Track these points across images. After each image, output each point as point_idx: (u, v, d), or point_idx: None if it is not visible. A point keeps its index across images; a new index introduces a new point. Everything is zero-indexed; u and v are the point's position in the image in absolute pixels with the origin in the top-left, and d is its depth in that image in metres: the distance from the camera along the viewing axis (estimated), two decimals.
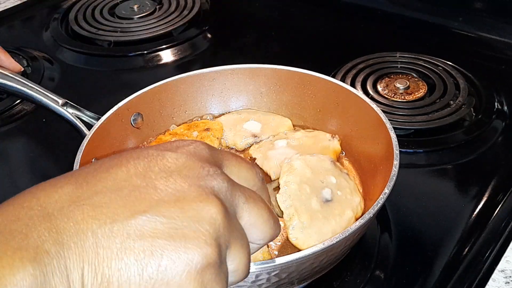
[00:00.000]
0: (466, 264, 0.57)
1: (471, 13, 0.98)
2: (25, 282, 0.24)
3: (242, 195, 0.33)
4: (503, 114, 0.79)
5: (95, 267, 0.26)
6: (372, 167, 0.62)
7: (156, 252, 0.27)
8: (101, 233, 0.27)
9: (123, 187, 0.29)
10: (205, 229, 0.28)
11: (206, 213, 0.29)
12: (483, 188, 0.67)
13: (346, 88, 0.67)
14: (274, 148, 0.68)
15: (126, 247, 0.27)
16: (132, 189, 0.29)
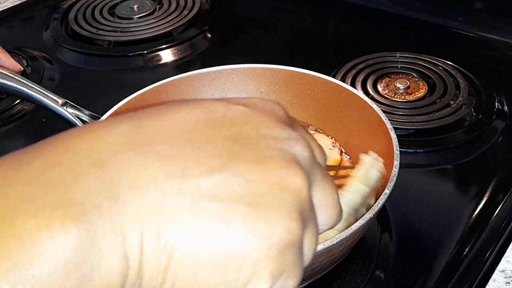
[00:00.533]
0: (466, 264, 0.57)
1: (471, 13, 0.98)
2: (67, 247, 0.19)
3: (319, 170, 0.27)
4: (504, 114, 0.79)
5: (158, 229, 0.21)
6: None
7: (232, 219, 0.22)
8: (168, 188, 0.22)
9: (193, 137, 0.24)
10: (290, 200, 0.24)
11: (291, 182, 0.24)
12: (483, 188, 0.67)
13: (346, 88, 0.67)
14: None
15: (198, 209, 0.22)
16: (204, 141, 0.24)
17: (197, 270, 0.22)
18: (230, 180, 0.23)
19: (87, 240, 0.20)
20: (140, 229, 0.21)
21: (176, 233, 0.21)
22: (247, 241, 0.22)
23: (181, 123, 0.24)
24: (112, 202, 0.21)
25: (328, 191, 0.28)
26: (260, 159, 0.24)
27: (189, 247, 0.21)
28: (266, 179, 0.23)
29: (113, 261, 0.20)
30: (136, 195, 0.21)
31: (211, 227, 0.22)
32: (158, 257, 0.21)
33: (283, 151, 0.25)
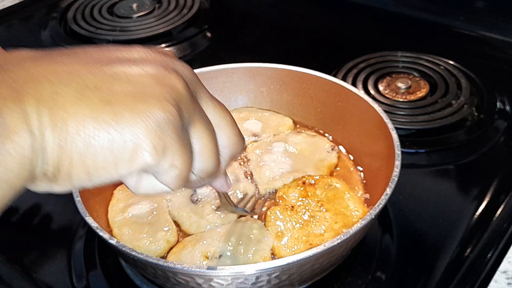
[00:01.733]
0: (468, 265, 0.57)
1: (473, 12, 0.98)
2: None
3: (206, 91, 0.34)
4: (505, 114, 0.78)
5: (52, 111, 0.26)
6: (374, 167, 0.62)
7: (113, 102, 0.27)
8: (58, 82, 0.27)
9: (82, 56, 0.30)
10: (166, 90, 0.29)
11: (168, 80, 0.30)
12: (485, 189, 0.66)
13: (347, 87, 0.66)
14: (271, 151, 0.67)
15: (83, 95, 0.27)
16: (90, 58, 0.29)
17: (86, 143, 0.27)
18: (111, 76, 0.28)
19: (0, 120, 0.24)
20: (39, 112, 0.26)
21: (67, 113, 0.26)
22: (128, 117, 0.27)
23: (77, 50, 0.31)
24: (15, 93, 0.26)
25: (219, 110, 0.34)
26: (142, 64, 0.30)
27: (78, 125, 0.26)
28: (146, 76, 0.29)
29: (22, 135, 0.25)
30: (35, 89, 0.26)
31: (94, 107, 0.27)
32: (55, 135, 0.26)
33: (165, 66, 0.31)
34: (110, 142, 0.27)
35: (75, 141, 0.27)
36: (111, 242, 0.47)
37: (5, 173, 0.25)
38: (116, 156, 0.27)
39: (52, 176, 0.28)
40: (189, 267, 0.44)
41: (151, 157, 0.28)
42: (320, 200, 0.59)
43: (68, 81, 0.27)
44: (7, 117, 0.25)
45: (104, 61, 0.29)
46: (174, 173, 0.30)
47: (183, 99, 0.30)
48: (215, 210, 0.60)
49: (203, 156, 0.32)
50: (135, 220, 0.58)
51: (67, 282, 0.58)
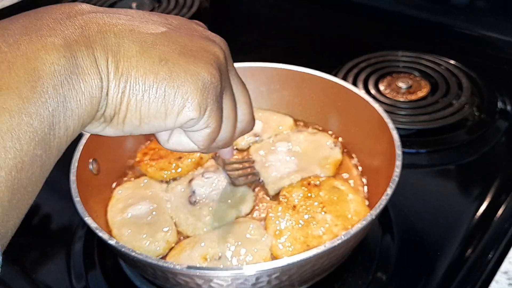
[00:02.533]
0: (469, 265, 0.57)
1: (473, 12, 0.97)
2: (60, 62, 0.27)
3: (234, 68, 0.38)
4: (506, 114, 0.78)
5: (117, 60, 0.30)
6: (374, 167, 0.62)
7: (169, 60, 0.31)
8: (122, 36, 0.31)
9: (142, 17, 0.33)
10: (212, 57, 0.33)
11: (212, 49, 0.34)
12: (486, 189, 0.66)
13: (348, 87, 0.66)
14: (275, 151, 0.67)
15: (144, 51, 0.31)
16: (146, 19, 0.33)
17: (144, 93, 0.31)
18: (167, 38, 0.32)
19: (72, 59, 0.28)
20: (106, 59, 0.30)
21: (130, 64, 0.30)
22: (181, 75, 0.31)
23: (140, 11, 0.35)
24: (86, 40, 0.29)
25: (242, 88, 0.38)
26: (190, 33, 0.34)
27: (139, 75, 0.30)
28: (194, 43, 0.33)
29: (93, 77, 0.29)
30: (102, 38, 0.30)
31: (154, 63, 0.31)
32: (118, 81, 0.30)
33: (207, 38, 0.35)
34: (164, 95, 0.31)
35: (135, 90, 0.30)
36: (110, 242, 0.47)
37: (78, 108, 0.28)
38: (167, 108, 0.31)
39: (109, 118, 0.31)
40: (189, 267, 0.44)
41: (195, 113, 0.32)
42: (322, 202, 0.59)
43: (132, 37, 0.31)
44: (81, 60, 0.28)
45: (161, 23, 0.33)
46: (206, 132, 0.34)
47: (222, 68, 0.34)
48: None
49: (226, 125, 0.36)
50: (135, 220, 0.58)
51: (66, 282, 0.58)
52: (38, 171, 0.27)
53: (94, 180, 0.60)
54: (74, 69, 0.28)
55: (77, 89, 0.28)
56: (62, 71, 0.27)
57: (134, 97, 0.30)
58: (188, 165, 0.66)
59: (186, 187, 0.63)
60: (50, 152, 0.28)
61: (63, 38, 0.28)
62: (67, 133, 0.28)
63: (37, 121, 0.26)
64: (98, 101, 0.30)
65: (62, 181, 0.55)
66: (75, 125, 0.29)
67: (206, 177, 0.63)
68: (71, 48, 0.28)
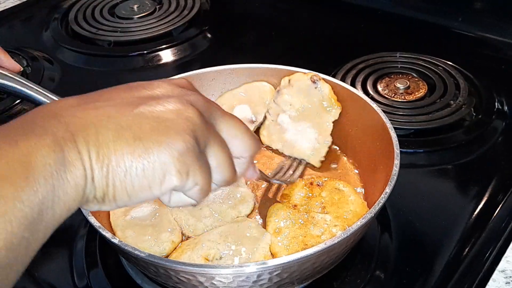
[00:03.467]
0: (467, 264, 0.57)
1: (471, 13, 0.98)
2: (50, 156, 0.31)
3: (218, 110, 0.40)
4: (503, 114, 0.79)
5: (97, 148, 0.33)
6: (373, 166, 0.62)
7: (143, 138, 0.34)
8: (100, 125, 0.34)
9: (116, 99, 0.37)
10: (183, 122, 0.35)
11: (184, 113, 0.36)
12: (483, 188, 0.67)
13: (347, 87, 0.67)
14: (283, 129, 0.68)
15: (119, 134, 0.34)
16: (122, 100, 0.36)
17: (126, 173, 0.33)
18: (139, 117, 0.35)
19: (60, 153, 0.32)
20: (88, 149, 0.33)
21: (108, 149, 0.33)
22: (155, 149, 0.34)
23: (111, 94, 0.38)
24: (69, 135, 0.33)
25: (232, 123, 0.40)
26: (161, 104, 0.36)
27: (118, 159, 0.33)
28: (165, 114, 0.35)
29: (78, 168, 0.32)
30: (83, 130, 0.33)
31: (129, 144, 0.33)
32: (101, 167, 0.33)
33: (179, 99, 0.37)
34: (143, 171, 0.34)
35: (117, 172, 0.33)
36: (113, 241, 0.48)
37: (64, 195, 0.32)
38: (149, 181, 0.34)
39: (100, 199, 0.34)
40: (191, 265, 0.45)
41: (177, 179, 0.35)
42: (323, 202, 0.59)
43: (108, 124, 0.34)
44: (67, 154, 0.32)
45: (133, 102, 0.36)
46: (197, 189, 0.36)
47: (198, 128, 0.36)
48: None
49: (220, 169, 0.38)
50: (138, 222, 0.58)
51: (69, 281, 0.59)
52: (23, 252, 0.30)
53: None
54: (62, 162, 0.31)
55: (64, 179, 0.32)
56: (52, 164, 0.31)
57: (117, 178, 0.33)
58: None
59: None
60: (37, 235, 0.31)
61: (52, 135, 0.32)
62: (54, 217, 0.32)
63: (28, 207, 0.30)
64: (83, 188, 0.33)
65: None
66: (62, 211, 0.32)
67: None
68: (59, 143, 0.32)
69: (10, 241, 0.29)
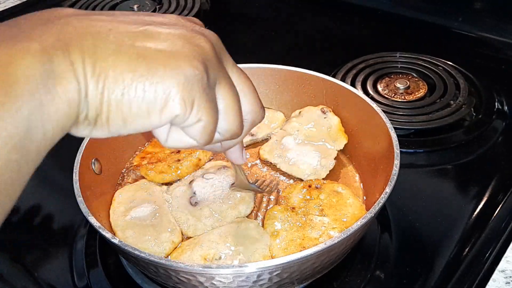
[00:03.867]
0: (467, 264, 0.57)
1: (471, 13, 0.98)
2: (35, 67, 0.27)
3: (230, 58, 0.36)
4: (503, 114, 0.79)
5: (94, 61, 0.29)
6: (373, 166, 0.62)
7: (148, 56, 0.30)
8: (99, 37, 0.30)
9: (119, 14, 0.33)
10: (195, 49, 0.32)
11: (196, 41, 0.32)
12: (483, 188, 0.67)
13: (347, 87, 0.67)
14: (287, 148, 0.67)
15: (120, 49, 0.30)
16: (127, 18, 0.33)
17: (123, 92, 0.30)
18: (146, 34, 0.31)
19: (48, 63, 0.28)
20: (82, 61, 0.29)
21: (107, 63, 0.29)
22: (160, 71, 0.30)
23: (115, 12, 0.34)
24: (62, 44, 0.29)
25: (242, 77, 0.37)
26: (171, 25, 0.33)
27: (116, 74, 0.29)
28: (175, 37, 0.32)
29: (70, 81, 0.28)
30: (78, 40, 0.29)
31: (131, 61, 0.30)
32: (96, 82, 0.29)
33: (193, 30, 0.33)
34: (144, 93, 0.30)
35: (114, 89, 0.29)
36: (114, 241, 0.48)
37: (56, 112, 0.28)
38: (149, 106, 0.30)
39: (92, 120, 0.31)
40: (192, 265, 0.45)
41: (179, 108, 0.31)
42: (321, 205, 0.59)
43: (108, 36, 0.30)
44: (57, 65, 0.28)
45: (139, 21, 0.32)
46: (200, 126, 0.33)
47: (209, 59, 0.32)
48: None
49: (228, 115, 0.34)
50: (138, 222, 0.58)
51: (69, 281, 0.59)
52: (14, 175, 0.27)
53: (97, 180, 0.60)
54: (50, 74, 0.28)
55: (54, 93, 0.28)
56: (37, 75, 0.27)
57: (113, 97, 0.30)
58: (187, 167, 0.66)
59: (186, 188, 0.63)
60: (28, 156, 0.28)
61: (39, 43, 0.28)
62: (46, 137, 0.28)
63: (11, 125, 0.26)
64: (77, 104, 0.29)
65: (63, 181, 0.55)
66: (54, 129, 0.29)
67: (207, 178, 0.64)
68: (47, 52, 0.28)
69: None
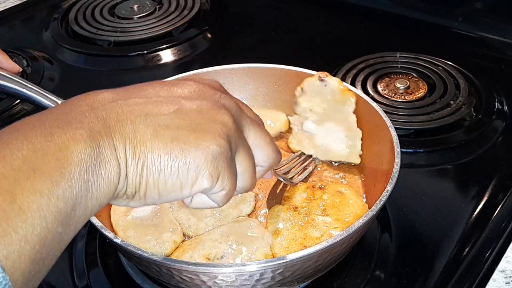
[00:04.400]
0: (467, 264, 0.57)
1: (471, 13, 0.98)
2: (86, 151, 0.31)
3: (248, 118, 0.40)
4: (503, 114, 0.79)
5: (134, 146, 0.33)
6: (373, 165, 0.62)
7: (180, 139, 0.34)
8: (138, 122, 0.34)
9: (152, 97, 0.37)
10: (219, 127, 0.36)
11: (220, 117, 0.37)
12: (483, 188, 0.67)
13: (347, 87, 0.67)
14: (312, 135, 0.67)
15: (157, 133, 0.34)
16: (159, 98, 0.37)
17: (160, 172, 0.34)
18: (178, 117, 0.36)
19: (96, 149, 0.32)
20: (124, 146, 0.33)
21: (145, 147, 0.34)
22: (192, 151, 0.34)
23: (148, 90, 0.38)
24: (107, 130, 0.33)
25: (259, 133, 0.41)
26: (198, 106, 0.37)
27: (154, 157, 0.34)
28: (202, 116, 0.36)
29: (112, 164, 0.33)
30: (120, 127, 0.34)
31: (167, 144, 0.34)
32: (136, 165, 0.34)
33: (215, 102, 0.38)
34: (178, 171, 0.34)
35: (152, 171, 0.34)
36: (116, 241, 0.48)
37: (97, 191, 0.32)
38: (181, 182, 0.35)
39: (130, 196, 0.35)
40: (194, 264, 0.45)
41: (207, 182, 0.35)
42: (324, 205, 0.59)
43: (146, 121, 0.34)
44: (103, 149, 0.32)
45: (170, 101, 0.37)
46: (223, 194, 0.38)
47: (231, 134, 0.37)
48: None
49: (244, 177, 0.39)
50: (139, 222, 0.58)
51: (69, 281, 0.59)
52: (56, 246, 0.30)
53: None
54: (97, 157, 0.32)
55: (98, 175, 0.32)
56: (87, 159, 0.31)
57: (151, 177, 0.34)
58: None
59: None
60: (69, 229, 0.31)
61: (88, 130, 0.32)
62: (86, 213, 0.32)
63: (63, 202, 0.30)
64: (116, 185, 0.33)
65: None
66: (94, 206, 0.32)
67: None
68: (95, 138, 0.32)
69: (45, 237, 0.29)
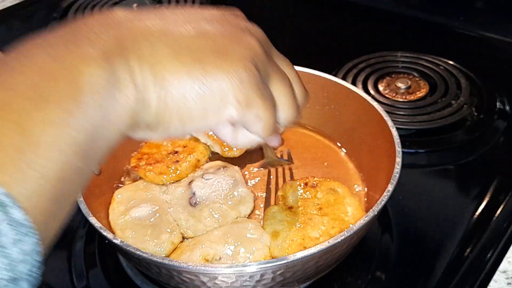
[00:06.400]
0: (468, 265, 0.57)
1: (472, 13, 0.98)
2: (99, 74, 0.28)
3: (275, 50, 0.37)
4: (505, 114, 0.79)
5: (154, 68, 0.30)
6: (374, 165, 0.62)
7: (202, 61, 0.31)
8: (155, 42, 0.31)
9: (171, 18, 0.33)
10: (245, 50, 0.33)
11: (245, 40, 0.33)
12: (485, 189, 0.66)
13: (347, 86, 0.67)
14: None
15: (177, 54, 0.31)
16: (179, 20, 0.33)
17: (183, 97, 0.30)
18: (199, 37, 0.32)
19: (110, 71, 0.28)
20: (140, 67, 0.30)
21: (164, 69, 0.30)
22: (216, 75, 0.31)
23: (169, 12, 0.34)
24: (122, 50, 0.29)
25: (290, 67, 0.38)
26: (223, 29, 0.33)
27: (174, 80, 0.30)
28: (226, 38, 0.33)
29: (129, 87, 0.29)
30: (135, 45, 0.30)
31: (187, 64, 0.30)
32: (154, 87, 0.30)
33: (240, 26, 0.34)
34: (201, 96, 0.31)
35: (173, 95, 0.30)
36: (115, 241, 0.47)
37: (115, 118, 0.29)
38: (206, 108, 0.31)
39: (152, 125, 0.32)
40: (194, 265, 0.45)
41: (234, 110, 0.32)
42: (320, 204, 0.59)
43: (164, 40, 0.31)
44: (118, 71, 0.29)
45: (189, 20, 0.33)
46: (260, 124, 0.34)
47: (259, 57, 0.33)
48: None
49: (285, 106, 0.36)
50: (138, 222, 0.58)
51: (68, 281, 0.58)
52: (78, 182, 0.28)
53: (96, 180, 0.60)
54: (112, 81, 0.28)
55: (115, 100, 0.29)
56: (102, 83, 0.28)
57: (173, 102, 0.31)
58: (186, 167, 0.65)
59: (186, 188, 0.63)
60: (90, 163, 0.29)
61: (100, 49, 0.29)
62: (106, 144, 0.29)
63: (80, 133, 0.27)
64: (134, 111, 0.30)
65: None
66: (113, 136, 0.29)
67: (206, 178, 0.63)
68: (108, 59, 0.29)
69: (64, 172, 0.26)
